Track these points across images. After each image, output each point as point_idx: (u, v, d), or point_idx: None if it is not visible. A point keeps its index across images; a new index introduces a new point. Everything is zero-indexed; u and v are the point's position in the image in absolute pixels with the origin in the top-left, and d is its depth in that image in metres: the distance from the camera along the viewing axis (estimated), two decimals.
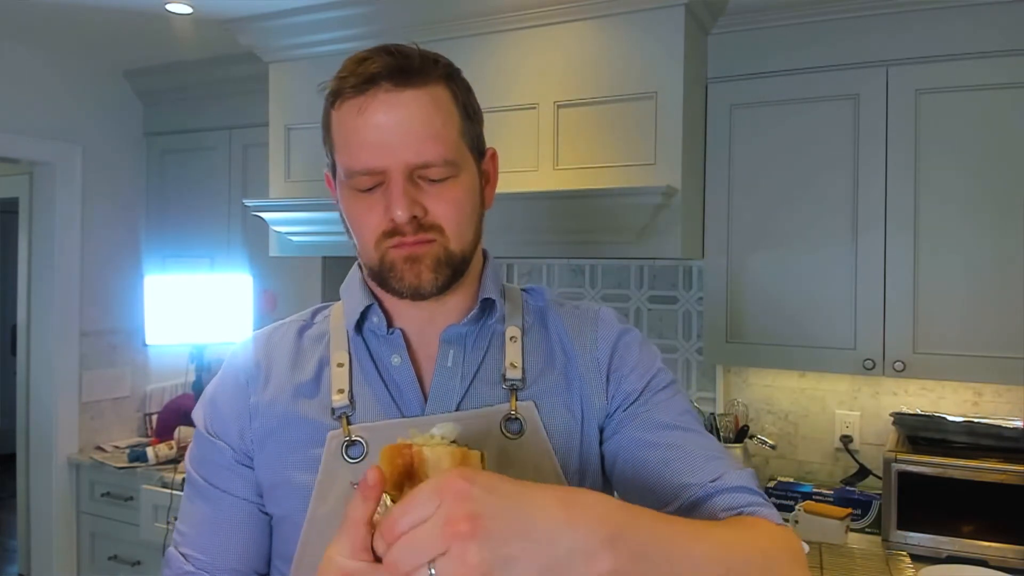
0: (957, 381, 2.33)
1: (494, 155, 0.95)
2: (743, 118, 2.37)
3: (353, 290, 0.94)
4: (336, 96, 0.84)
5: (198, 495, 0.93)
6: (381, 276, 0.86)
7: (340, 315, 0.95)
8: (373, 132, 0.81)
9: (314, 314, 1.00)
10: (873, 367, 2.20)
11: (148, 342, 3.15)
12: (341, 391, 0.89)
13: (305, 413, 0.90)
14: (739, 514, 0.77)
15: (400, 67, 0.82)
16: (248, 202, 2.71)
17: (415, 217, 0.82)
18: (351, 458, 0.86)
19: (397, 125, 0.81)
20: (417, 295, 0.85)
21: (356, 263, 0.96)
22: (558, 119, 2.34)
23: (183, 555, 0.91)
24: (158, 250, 3.48)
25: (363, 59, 0.84)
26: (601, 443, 0.93)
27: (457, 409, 0.88)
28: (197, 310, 3.10)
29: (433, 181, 0.83)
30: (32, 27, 2.88)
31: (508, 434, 0.88)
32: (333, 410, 0.89)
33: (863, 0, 2.19)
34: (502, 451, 0.87)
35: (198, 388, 3.24)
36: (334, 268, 2.98)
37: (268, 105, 2.82)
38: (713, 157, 2.41)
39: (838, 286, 2.25)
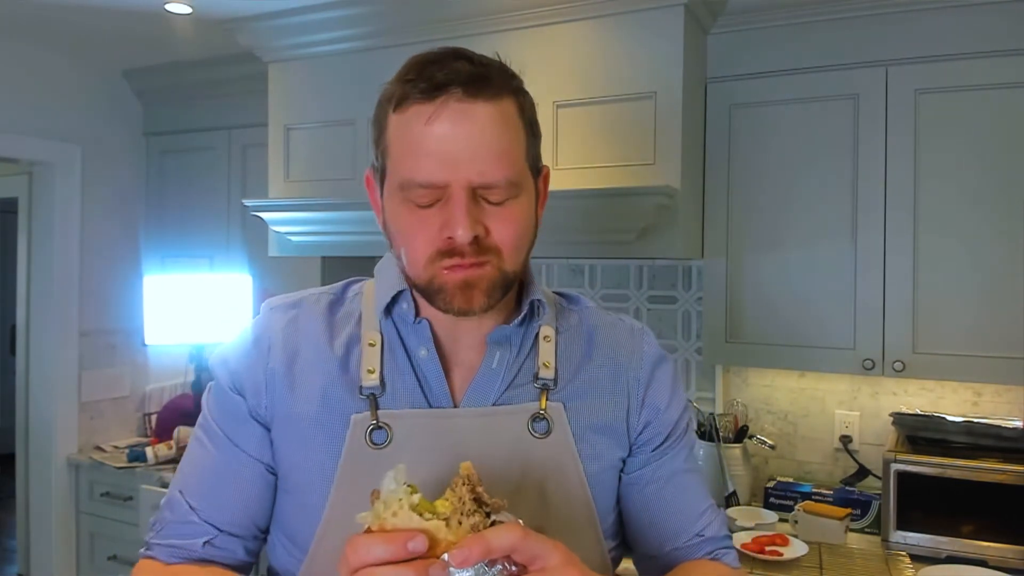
0: (957, 381, 2.33)
1: (547, 175, 0.92)
2: (743, 118, 2.37)
3: (388, 271, 0.91)
4: (401, 100, 0.79)
5: (211, 443, 0.91)
6: (429, 295, 0.83)
7: (372, 295, 0.92)
8: (440, 143, 0.77)
9: (345, 288, 0.96)
10: (873, 367, 2.20)
11: (147, 342, 3.15)
12: (372, 371, 0.87)
13: (330, 392, 0.87)
14: (712, 556, 0.97)
15: (475, 76, 0.77)
16: (247, 202, 2.71)
17: (476, 238, 0.78)
18: (374, 444, 0.84)
19: (467, 139, 0.77)
20: (465, 315, 0.82)
21: None
22: (557, 119, 2.33)
23: (188, 503, 0.89)
24: (157, 250, 3.47)
25: (431, 61, 0.79)
26: (622, 470, 0.95)
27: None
28: (196, 310, 3.10)
29: (493, 203, 0.80)
30: (31, 27, 2.88)
31: (535, 433, 0.88)
32: (361, 388, 0.86)
33: (863, 0, 2.19)
34: (527, 450, 0.87)
35: (197, 388, 3.24)
36: (333, 268, 2.97)
37: (268, 105, 2.82)
38: (713, 157, 2.40)
39: (838, 286, 2.25)
